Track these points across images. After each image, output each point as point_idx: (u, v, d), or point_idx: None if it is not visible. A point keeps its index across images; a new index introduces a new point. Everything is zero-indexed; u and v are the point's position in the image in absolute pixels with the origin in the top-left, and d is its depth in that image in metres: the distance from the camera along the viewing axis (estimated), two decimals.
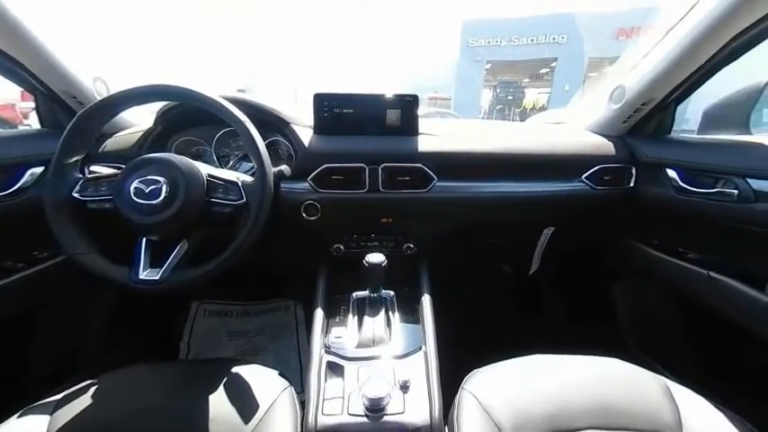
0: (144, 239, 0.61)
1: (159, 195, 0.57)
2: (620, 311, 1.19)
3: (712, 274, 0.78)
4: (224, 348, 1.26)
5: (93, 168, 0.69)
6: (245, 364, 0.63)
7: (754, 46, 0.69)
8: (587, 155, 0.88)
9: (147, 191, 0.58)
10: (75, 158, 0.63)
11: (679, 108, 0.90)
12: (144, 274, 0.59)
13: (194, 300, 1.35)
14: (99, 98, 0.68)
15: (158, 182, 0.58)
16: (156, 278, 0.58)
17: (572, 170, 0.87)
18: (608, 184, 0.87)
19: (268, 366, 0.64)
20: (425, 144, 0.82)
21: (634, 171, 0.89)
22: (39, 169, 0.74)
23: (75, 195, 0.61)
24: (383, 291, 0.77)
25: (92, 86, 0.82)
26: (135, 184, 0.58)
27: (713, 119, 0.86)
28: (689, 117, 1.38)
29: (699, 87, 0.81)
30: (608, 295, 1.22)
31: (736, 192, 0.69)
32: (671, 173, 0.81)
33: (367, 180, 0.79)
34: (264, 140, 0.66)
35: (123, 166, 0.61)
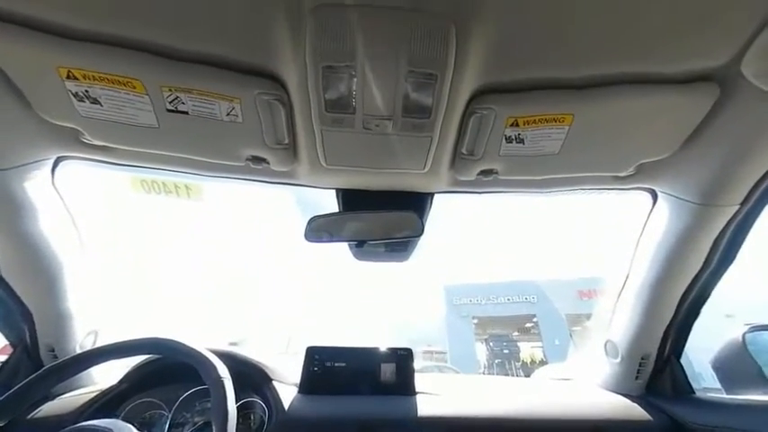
0: None
1: None
2: None
3: None
4: None
5: None
6: None
7: (706, 300, 0.77)
8: (617, 419, 0.74)
9: None
10: None
11: (686, 364, 0.87)
12: None
13: None
14: (77, 352, 0.64)
15: None
16: None
17: None
18: None
19: None
20: (426, 406, 0.70)
21: None
22: None
23: None
24: None
25: (79, 341, 0.79)
26: None
27: (727, 375, 0.81)
28: (700, 371, 1.31)
29: (685, 341, 0.83)
30: None
31: None
32: None
33: None
34: (237, 401, 0.56)
35: None
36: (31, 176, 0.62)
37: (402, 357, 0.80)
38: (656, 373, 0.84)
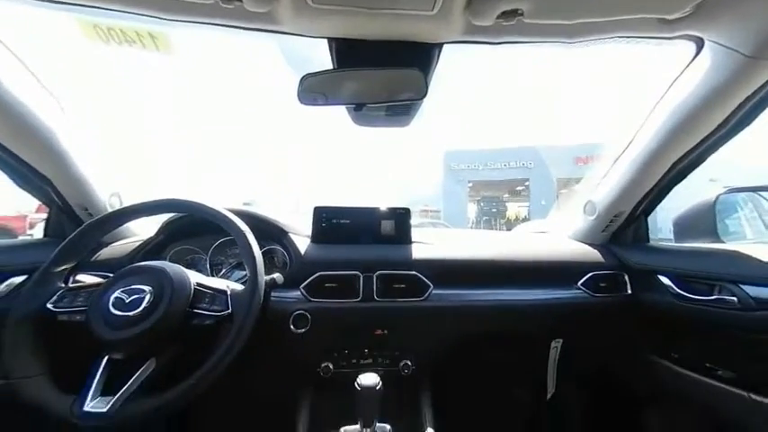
0: (105, 359, 0.54)
1: (139, 305, 0.54)
2: None
3: (754, 396, 0.68)
4: None
5: (78, 277, 0.67)
6: None
7: (696, 166, 0.80)
8: (577, 261, 0.90)
9: (127, 300, 0.54)
10: (64, 267, 0.62)
11: (650, 219, 0.98)
12: (91, 404, 0.49)
13: None
14: (110, 210, 0.72)
15: (142, 291, 0.55)
16: (104, 410, 0.48)
17: (566, 276, 0.87)
18: (605, 292, 0.86)
19: None
20: (420, 251, 0.84)
21: (627, 278, 0.90)
22: (19, 279, 0.71)
23: (49, 306, 0.57)
24: (377, 424, 0.64)
25: (107, 200, 0.88)
26: (117, 293, 0.55)
27: (684, 229, 0.93)
28: (661, 227, 1.49)
29: (660, 201, 0.91)
30: (641, 426, 1.02)
31: (735, 299, 0.68)
32: (664, 279, 0.82)
33: (361, 288, 0.77)
34: (261, 248, 0.67)
35: (111, 275, 0.59)
36: None
37: (400, 215, 0.90)
38: (623, 227, 0.97)
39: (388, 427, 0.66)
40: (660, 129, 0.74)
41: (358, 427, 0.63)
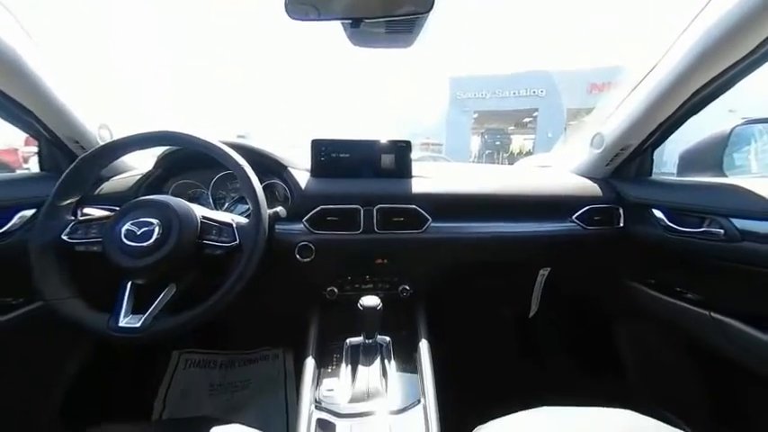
0: (129, 284, 0.59)
1: (151, 237, 0.56)
2: (623, 355, 1.14)
3: (714, 314, 0.76)
4: (204, 405, 1.15)
5: (86, 210, 0.69)
6: (226, 423, 0.57)
7: (718, 96, 0.75)
8: (575, 195, 0.91)
9: (138, 233, 0.57)
10: (69, 201, 0.63)
11: (656, 152, 0.96)
12: (125, 321, 0.56)
13: (175, 349, 1.26)
14: (102, 143, 0.70)
15: (151, 224, 0.57)
16: (138, 325, 0.55)
17: (562, 210, 0.89)
18: (598, 224, 0.89)
19: (251, 426, 0.58)
20: (419, 185, 0.85)
21: (622, 211, 0.92)
22: (29, 212, 0.73)
23: (64, 238, 0.60)
24: (378, 336, 0.73)
25: (96, 132, 0.84)
26: (127, 225, 0.57)
27: (689, 162, 0.91)
28: (666, 160, 1.47)
29: (671, 134, 0.87)
30: (612, 339, 1.17)
31: (722, 231, 0.71)
32: (657, 213, 0.84)
33: (362, 221, 0.79)
34: (261, 183, 0.67)
35: (117, 209, 0.61)
36: None
37: (401, 148, 0.87)
38: (628, 161, 0.95)
39: (387, 338, 0.76)
40: (688, 52, 0.67)
41: (361, 338, 0.72)
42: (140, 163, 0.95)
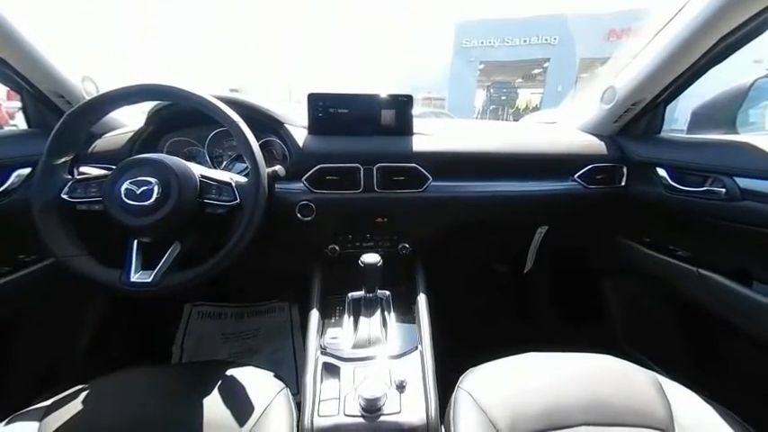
0: (135, 242, 0.60)
1: (151, 197, 0.56)
2: (612, 309, 1.21)
3: (702, 271, 0.79)
4: (219, 350, 1.25)
5: (82, 169, 0.68)
6: (241, 366, 0.63)
7: (740, 47, 0.70)
8: (579, 154, 0.89)
9: (138, 192, 0.57)
10: (63, 159, 0.62)
11: (668, 108, 0.92)
12: (136, 276, 0.58)
13: (187, 302, 1.34)
14: (88, 98, 0.67)
15: (150, 183, 0.57)
16: (149, 280, 0.57)
17: (564, 169, 0.88)
18: (600, 183, 0.89)
19: (264, 368, 0.64)
20: (420, 144, 0.83)
21: (625, 170, 0.91)
22: (26, 170, 0.72)
23: (64, 197, 0.60)
24: (378, 291, 0.77)
25: (80, 86, 0.80)
26: (126, 185, 0.57)
27: (701, 119, 0.88)
28: (678, 117, 1.41)
29: (687, 88, 0.83)
30: (600, 293, 1.23)
31: (723, 190, 0.70)
32: (661, 172, 0.83)
33: (362, 180, 0.79)
34: (258, 141, 0.66)
35: (113, 167, 0.60)
36: None
37: (402, 103, 0.83)
38: (638, 117, 0.91)
39: (387, 292, 0.80)
40: None
41: (362, 292, 0.76)
42: (130, 119, 0.91)
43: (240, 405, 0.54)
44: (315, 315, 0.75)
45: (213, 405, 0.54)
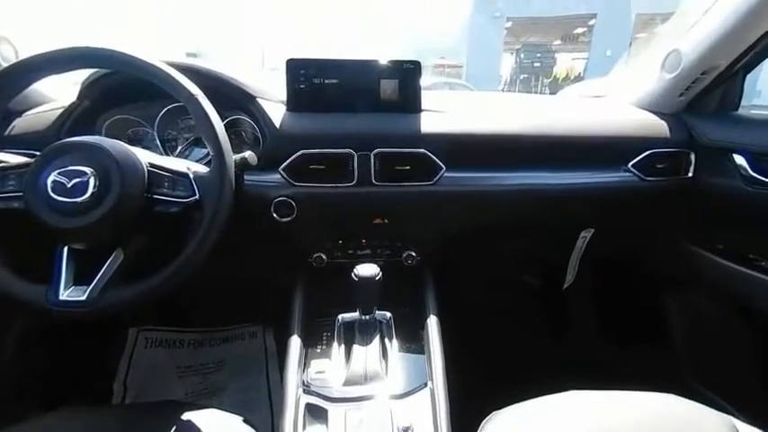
0: (66, 249, 0.60)
1: (85, 191, 0.56)
2: (675, 333, 1.21)
3: None
4: (172, 389, 1.25)
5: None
6: (200, 408, 0.63)
7: None
8: (634, 137, 0.89)
9: (69, 185, 0.57)
10: None
11: (749, 78, 0.92)
12: (66, 293, 0.58)
13: (132, 326, 1.34)
14: (4, 64, 0.67)
15: (84, 174, 0.57)
16: (83, 298, 0.57)
17: (615, 156, 0.88)
18: (661, 174, 0.89)
19: (229, 411, 0.64)
20: (430, 123, 0.83)
21: (693, 157, 0.91)
22: None
23: None
24: (377, 312, 0.77)
25: None
26: (53, 176, 0.57)
27: None
28: (761, 89, 1.41)
29: None
30: (659, 313, 1.23)
31: None
32: (739, 159, 0.83)
33: (356, 170, 0.78)
34: (223, 119, 0.66)
35: (37, 154, 0.60)
36: None
37: (407, 71, 0.83)
38: (709, 89, 0.91)
39: (388, 314, 0.80)
40: None
41: (356, 314, 0.76)
42: (59, 93, 0.91)
43: None
44: (296, 342, 0.75)
45: None
